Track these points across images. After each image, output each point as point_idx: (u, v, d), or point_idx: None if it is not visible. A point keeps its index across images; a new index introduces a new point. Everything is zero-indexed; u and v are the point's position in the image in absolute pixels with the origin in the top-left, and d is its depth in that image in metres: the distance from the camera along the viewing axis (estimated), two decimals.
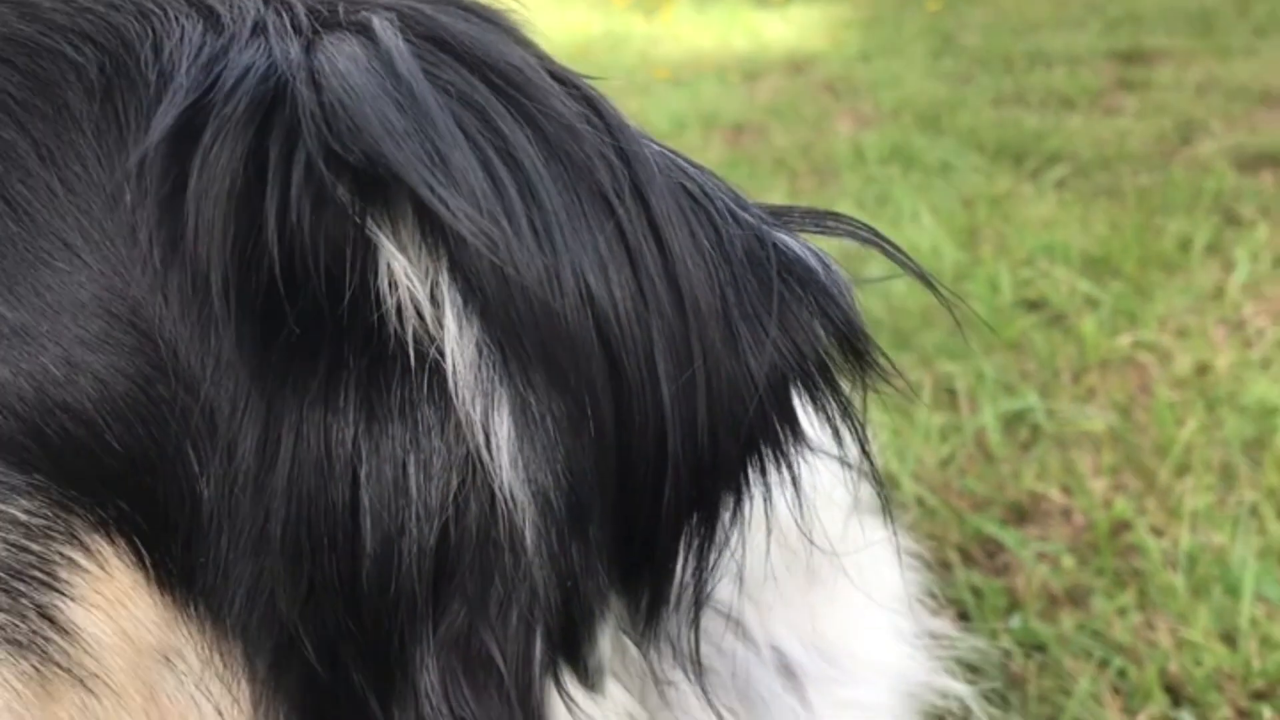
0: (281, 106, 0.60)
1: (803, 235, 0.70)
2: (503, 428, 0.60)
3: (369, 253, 0.60)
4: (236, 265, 0.59)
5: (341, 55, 0.61)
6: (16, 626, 0.62)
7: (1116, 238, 3.48)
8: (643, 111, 5.24)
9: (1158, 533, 2.20)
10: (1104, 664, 1.90)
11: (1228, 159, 4.15)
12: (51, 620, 0.63)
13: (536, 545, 0.61)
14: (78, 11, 0.64)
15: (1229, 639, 1.93)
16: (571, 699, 0.66)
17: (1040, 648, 1.95)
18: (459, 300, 0.60)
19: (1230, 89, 5.04)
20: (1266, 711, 1.79)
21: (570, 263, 0.60)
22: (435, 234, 0.60)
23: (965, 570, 2.14)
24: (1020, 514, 2.33)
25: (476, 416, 0.61)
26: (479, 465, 0.62)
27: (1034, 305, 3.17)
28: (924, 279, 0.70)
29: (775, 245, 0.67)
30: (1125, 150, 4.36)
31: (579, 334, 0.60)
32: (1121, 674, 1.88)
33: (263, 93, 0.60)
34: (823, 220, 0.71)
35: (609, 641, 0.67)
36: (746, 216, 0.69)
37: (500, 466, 0.61)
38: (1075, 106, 5.07)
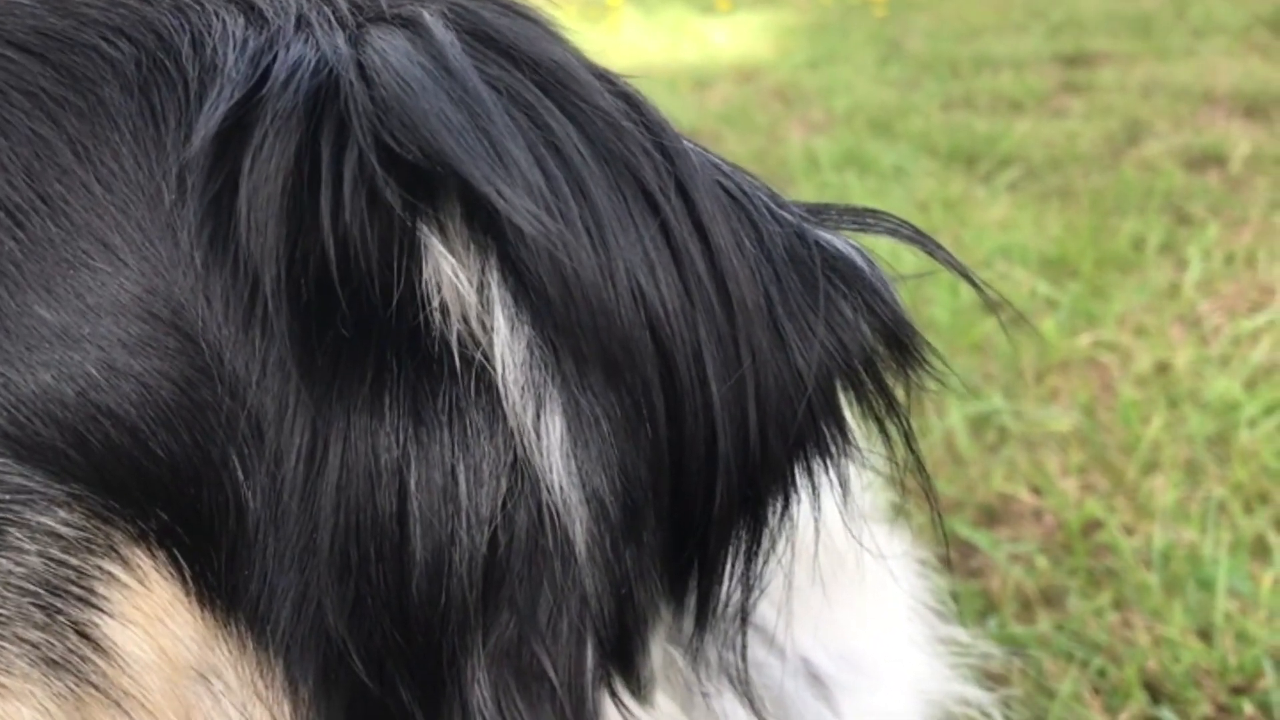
0: (333, 101, 0.58)
1: (843, 232, 0.69)
2: (555, 430, 0.59)
3: (415, 252, 0.58)
4: (287, 266, 0.57)
5: (392, 49, 0.58)
6: (52, 645, 0.59)
7: (1072, 239, 3.50)
8: None
9: (1129, 531, 2.21)
10: (1084, 664, 1.90)
11: (1175, 159, 4.20)
12: (88, 638, 0.60)
13: (589, 551, 0.60)
14: (111, 5, 0.61)
15: (1205, 635, 1.94)
16: (628, 711, 0.64)
17: (1019, 649, 1.95)
18: (510, 300, 0.58)
19: (1173, 90, 5.10)
20: (1246, 706, 1.79)
21: (623, 260, 0.58)
22: (485, 233, 0.58)
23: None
24: (991, 516, 2.34)
25: (527, 419, 0.59)
26: (528, 469, 0.60)
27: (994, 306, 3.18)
28: (966, 276, 0.69)
29: (818, 242, 0.66)
30: (1075, 152, 4.40)
31: (634, 333, 0.58)
32: (1101, 673, 1.89)
33: (315, 87, 0.58)
34: (861, 217, 0.69)
35: (659, 651, 0.65)
36: (785, 214, 0.67)
37: (552, 470, 0.59)
38: (1023, 110, 5.10)
